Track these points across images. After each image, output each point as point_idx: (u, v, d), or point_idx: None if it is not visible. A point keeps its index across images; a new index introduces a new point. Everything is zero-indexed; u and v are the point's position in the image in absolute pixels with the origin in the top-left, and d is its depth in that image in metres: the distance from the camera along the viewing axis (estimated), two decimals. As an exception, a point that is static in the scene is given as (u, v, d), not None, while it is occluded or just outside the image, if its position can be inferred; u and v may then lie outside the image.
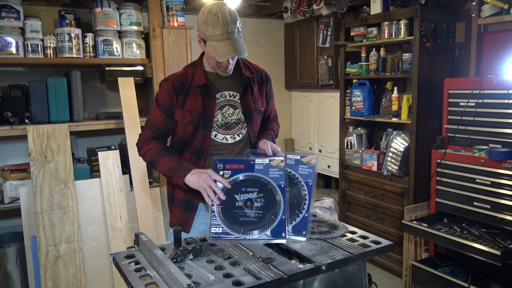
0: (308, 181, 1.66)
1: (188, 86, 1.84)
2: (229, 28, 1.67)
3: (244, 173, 1.66)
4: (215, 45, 1.68)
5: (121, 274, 1.43)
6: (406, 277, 3.17)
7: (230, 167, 1.66)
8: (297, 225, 1.63)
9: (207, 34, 1.69)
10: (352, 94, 3.69)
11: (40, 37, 3.04)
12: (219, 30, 1.66)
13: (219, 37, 1.67)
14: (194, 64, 1.92)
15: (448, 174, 2.85)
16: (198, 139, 1.85)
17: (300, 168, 1.67)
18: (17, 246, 3.02)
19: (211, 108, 1.84)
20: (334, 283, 1.51)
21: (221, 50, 1.67)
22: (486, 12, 2.85)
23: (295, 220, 1.63)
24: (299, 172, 1.67)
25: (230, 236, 1.62)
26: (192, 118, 1.83)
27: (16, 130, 2.97)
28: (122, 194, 3.10)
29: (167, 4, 3.33)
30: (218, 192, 1.63)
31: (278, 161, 1.65)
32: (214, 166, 1.67)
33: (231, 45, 1.68)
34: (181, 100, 1.84)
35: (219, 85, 1.87)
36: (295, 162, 1.68)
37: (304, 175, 1.66)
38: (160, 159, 1.81)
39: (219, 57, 1.69)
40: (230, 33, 1.67)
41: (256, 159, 1.66)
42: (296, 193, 1.66)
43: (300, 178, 1.67)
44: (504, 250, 2.32)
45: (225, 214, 1.63)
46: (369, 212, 3.66)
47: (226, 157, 1.78)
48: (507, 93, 2.58)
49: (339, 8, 3.85)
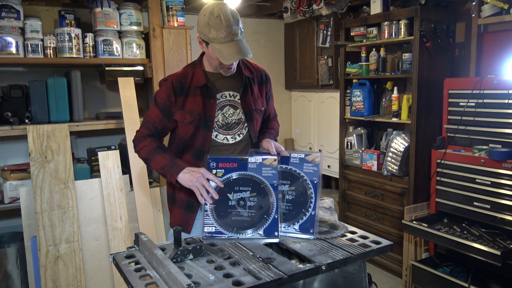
0: (314, 179, 1.66)
1: (188, 86, 1.84)
2: (233, 30, 1.67)
3: (237, 171, 1.65)
4: (220, 48, 1.67)
5: (121, 274, 1.43)
6: (406, 277, 3.17)
7: (223, 165, 1.66)
8: (304, 223, 1.63)
9: (210, 36, 1.68)
10: (352, 94, 3.69)
11: (40, 37, 3.04)
12: (223, 33, 1.65)
13: (223, 39, 1.66)
14: (194, 64, 1.92)
15: (448, 174, 2.85)
16: (199, 140, 1.85)
17: (305, 166, 1.67)
18: (17, 246, 3.02)
19: (212, 109, 1.84)
20: (334, 283, 1.51)
21: (226, 53, 1.67)
22: (486, 12, 2.85)
23: (302, 219, 1.63)
24: (304, 171, 1.67)
25: (223, 235, 1.62)
26: (193, 118, 1.82)
27: (16, 130, 2.97)
28: (122, 194, 3.10)
29: (167, 4, 3.33)
30: (211, 191, 1.63)
31: (271, 160, 1.64)
32: (207, 165, 1.66)
33: (236, 47, 1.67)
34: (180, 101, 1.83)
35: (219, 85, 1.87)
36: (299, 160, 1.67)
37: (309, 173, 1.66)
38: (154, 156, 1.81)
39: (225, 60, 1.68)
40: (234, 35, 1.67)
41: (249, 158, 1.65)
42: (302, 191, 1.66)
43: (305, 177, 1.66)
44: (504, 250, 2.32)
45: (218, 213, 1.63)
46: (369, 212, 3.66)
47: (218, 155, 1.76)
48: (507, 93, 2.58)
49: (339, 8, 3.85)
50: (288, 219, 1.66)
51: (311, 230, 1.62)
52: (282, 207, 1.66)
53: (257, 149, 1.83)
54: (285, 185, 1.67)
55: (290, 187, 1.68)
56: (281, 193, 1.66)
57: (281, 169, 1.67)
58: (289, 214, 1.66)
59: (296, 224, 1.64)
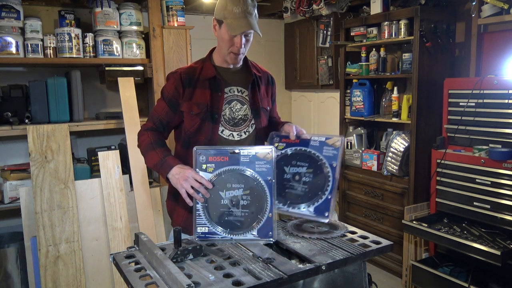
0: (332, 162, 1.64)
1: (196, 78, 1.84)
2: (249, 9, 1.71)
3: (228, 166, 1.58)
4: (232, 22, 1.71)
5: (121, 274, 1.43)
6: (406, 277, 3.17)
7: (213, 159, 1.58)
8: (320, 206, 1.61)
9: (225, 12, 1.72)
10: (352, 94, 3.69)
11: (40, 37, 3.04)
12: (238, 9, 1.70)
13: (237, 14, 1.70)
14: (203, 59, 1.93)
15: (448, 174, 2.85)
16: (205, 133, 1.82)
17: (324, 149, 1.66)
18: (17, 246, 3.02)
19: (219, 102, 1.83)
20: (334, 283, 1.50)
21: (236, 25, 1.70)
22: (486, 12, 2.85)
23: (318, 202, 1.62)
24: (324, 154, 1.65)
25: (217, 236, 1.58)
26: (199, 110, 1.81)
27: (16, 130, 2.97)
28: (122, 194, 3.10)
29: (167, 4, 3.33)
30: (202, 191, 1.58)
31: (265, 152, 1.58)
32: (196, 158, 1.59)
33: (247, 22, 1.71)
34: (188, 92, 1.82)
35: (228, 79, 1.88)
36: (319, 143, 1.67)
37: (329, 156, 1.65)
38: (149, 152, 1.79)
39: (233, 31, 1.71)
40: (248, 13, 1.71)
41: (241, 150, 1.59)
42: (320, 174, 1.65)
43: (324, 160, 1.65)
44: (504, 250, 2.32)
45: (211, 213, 1.59)
46: (369, 212, 3.66)
47: (208, 147, 1.63)
48: (507, 93, 2.58)
49: (339, 8, 3.85)
50: (304, 201, 1.64)
51: (326, 213, 1.61)
52: (298, 188, 1.64)
53: (278, 132, 1.83)
54: (303, 167, 1.66)
55: (308, 170, 1.66)
56: (298, 175, 1.65)
57: (300, 151, 1.66)
58: (305, 196, 1.65)
59: (312, 206, 1.62)
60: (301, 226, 1.74)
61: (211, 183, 1.59)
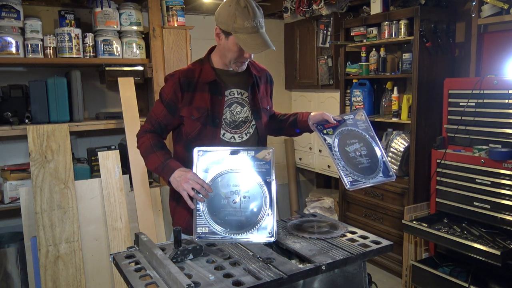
0: (370, 133, 1.85)
1: (195, 82, 1.81)
2: (260, 22, 1.69)
3: (228, 166, 1.61)
4: (246, 38, 1.67)
5: (121, 274, 1.43)
6: (406, 277, 3.17)
7: (214, 159, 1.62)
8: (384, 170, 1.77)
9: (235, 26, 1.67)
10: (352, 94, 3.69)
11: (40, 37, 3.04)
12: (250, 23, 1.66)
13: (250, 29, 1.66)
14: (201, 60, 1.89)
15: (448, 174, 2.85)
16: (207, 137, 1.81)
17: (358, 124, 1.86)
18: (17, 246, 3.02)
19: (220, 105, 1.81)
20: (334, 283, 1.50)
21: (252, 43, 1.67)
22: (486, 12, 2.85)
23: (382, 167, 1.78)
24: (360, 128, 1.85)
25: (217, 236, 1.58)
26: (200, 115, 1.80)
27: (16, 130, 2.97)
28: (122, 194, 3.10)
29: (167, 4, 3.33)
30: (203, 193, 1.59)
31: (264, 153, 1.61)
32: (197, 158, 1.62)
33: (261, 39, 1.69)
34: (187, 97, 1.80)
35: (228, 82, 1.85)
36: (353, 120, 1.87)
37: (364, 129, 1.86)
38: (149, 155, 1.78)
39: (250, 49, 1.69)
40: (260, 27, 1.69)
41: (241, 151, 1.62)
42: (368, 145, 1.82)
43: (363, 133, 1.85)
44: (504, 250, 2.32)
45: (211, 213, 1.59)
46: (369, 212, 3.66)
47: (208, 148, 1.66)
48: (507, 93, 2.58)
49: (339, 8, 3.84)
50: (374, 170, 1.77)
51: (390, 173, 1.77)
52: (365, 162, 1.78)
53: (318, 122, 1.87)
54: (356, 144, 1.82)
55: (360, 144, 1.82)
56: (357, 150, 1.81)
57: (347, 131, 1.83)
58: (371, 166, 1.78)
59: (380, 173, 1.75)
60: (301, 226, 1.74)
61: (211, 183, 1.60)
